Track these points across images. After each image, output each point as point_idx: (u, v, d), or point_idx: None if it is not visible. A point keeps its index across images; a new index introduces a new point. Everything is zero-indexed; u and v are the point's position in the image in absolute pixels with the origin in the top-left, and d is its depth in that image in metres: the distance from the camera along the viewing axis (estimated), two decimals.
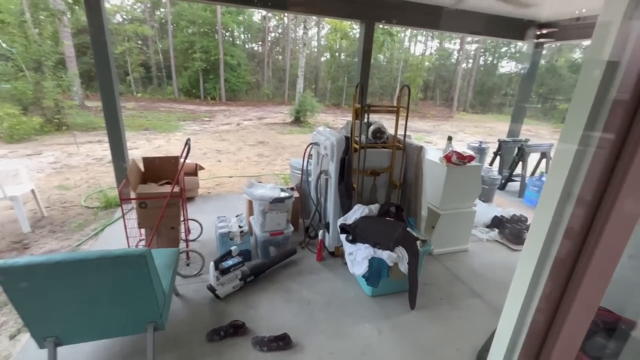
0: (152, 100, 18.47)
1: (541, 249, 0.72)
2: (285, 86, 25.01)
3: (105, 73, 3.54)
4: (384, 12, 4.24)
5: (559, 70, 22.52)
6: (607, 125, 0.61)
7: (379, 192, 3.01)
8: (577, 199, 0.66)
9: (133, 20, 20.79)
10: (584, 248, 0.67)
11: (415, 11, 4.32)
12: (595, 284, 0.69)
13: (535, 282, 0.76)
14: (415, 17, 4.39)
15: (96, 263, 1.53)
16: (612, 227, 0.63)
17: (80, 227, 3.65)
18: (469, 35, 13.18)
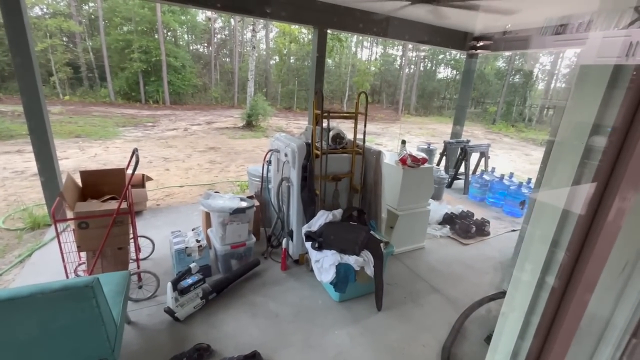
0: (83, 104, 16.68)
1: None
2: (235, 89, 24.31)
3: (27, 72, 3.09)
4: (335, 18, 4.32)
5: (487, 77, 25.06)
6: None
7: (341, 197, 3.04)
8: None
9: (56, 14, 18.57)
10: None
11: (364, 19, 4.47)
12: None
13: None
14: (365, 24, 4.54)
15: (30, 300, 1.30)
16: None
17: (0, 254, 3.12)
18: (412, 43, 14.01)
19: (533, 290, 0.88)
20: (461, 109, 6.45)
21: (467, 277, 3.14)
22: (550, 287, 0.84)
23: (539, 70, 22.89)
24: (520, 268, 0.95)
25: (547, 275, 0.85)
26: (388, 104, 28.90)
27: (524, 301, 0.91)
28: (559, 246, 0.82)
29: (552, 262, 0.84)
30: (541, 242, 0.87)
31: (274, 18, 4.21)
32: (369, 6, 4.20)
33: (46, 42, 17.14)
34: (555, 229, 0.81)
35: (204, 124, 13.74)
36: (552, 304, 0.84)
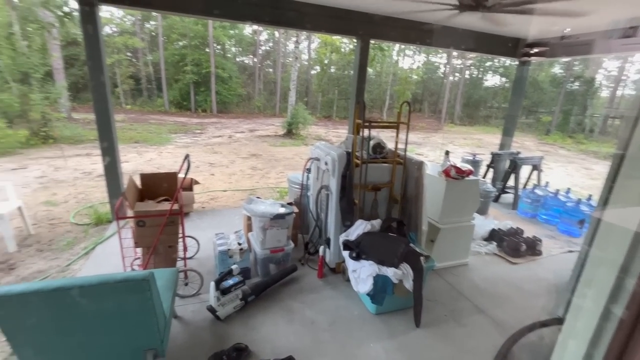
0: (142, 113, 18.27)
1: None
2: (277, 98, 25.16)
3: (100, 85, 3.48)
4: (378, 29, 4.33)
5: (541, 85, 23.37)
6: None
7: (380, 207, 3.00)
8: None
9: (123, 32, 20.71)
10: None
11: (409, 29, 4.43)
12: None
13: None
14: (409, 34, 4.49)
15: (96, 289, 1.45)
16: None
17: (69, 246, 3.50)
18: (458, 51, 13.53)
19: (597, 321, 0.81)
20: (511, 118, 6.08)
21: (515, 298, 2.92)
22: (617, 318, 0.76)
23: (603, 77, 20.89)
24: (581, 294, 0.88)
25: (614, 305, 0.78)
26: (430, 113, 28.08)
27: (586, 332, 0.83)
28: (629, 273, 0.74)
29: (620, 290, 0.76)
30: (607, 266, 0.79)
31: (318, 30, 4.34)
32: (415, 16, 4.16)
33: (114, 57, 19.13)
34: (625, 253, 0.74)
35: (247, 132, 14.36)
36: (620, 337, 0.76)
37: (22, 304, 1.39)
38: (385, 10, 4.05)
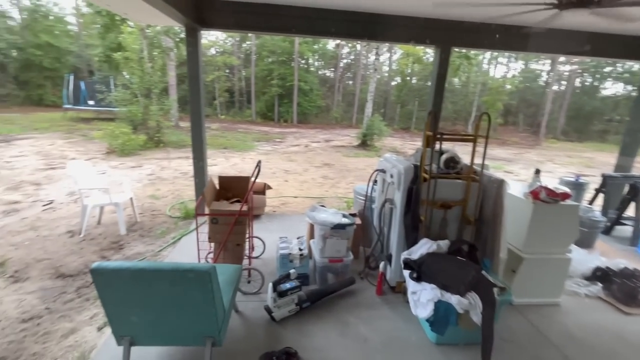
0: (233, 122, 20.46)
1: None
2: (354, 110, 25.45)
3: (196, 99, 4.01)
4: (461, 36, 4.04)
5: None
6: None
7: (450, 227, 2.75)
8: None
9: (224, 52, 23.69)
10: None
11: (500, 34, 4.02)
12: None
13: None
14: (500, 40, 4.08)
15: (169, 274, 1.65)
16: None
17: (162, 235, 4.08)
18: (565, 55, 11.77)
19: None
20: (633, 133, 4.97)
21: (626, 357, 2.33)
22: None
23: None
24: None
25: None
26: (525, 127, 24.91)
27: None
28: None
29: None
30: None
31: (396, 41, 4.26)
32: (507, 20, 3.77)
33: (214, 74, 21.97)
34: None
35: (322, 142, 14.83)
36: None
37: (117, 277, 1.66)
38: (471, 16, 3.77)
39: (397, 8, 3.70)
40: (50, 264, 3.33)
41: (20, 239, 3.84)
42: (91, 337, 2.36)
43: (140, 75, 10.36)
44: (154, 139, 10.48)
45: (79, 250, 3.63)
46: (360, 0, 3.51)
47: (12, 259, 3.39)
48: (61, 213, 4.72)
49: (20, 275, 3.12)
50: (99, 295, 1.71)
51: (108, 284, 1.68)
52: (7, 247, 3.65)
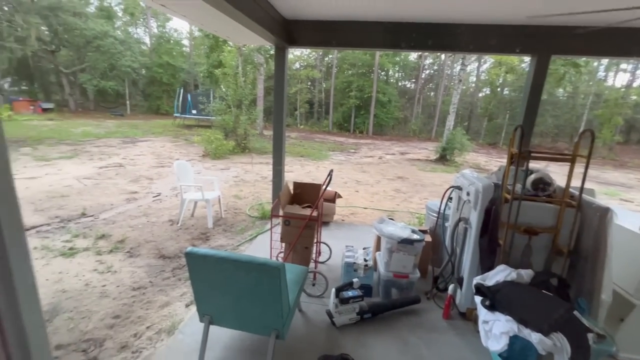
0: (311, 132, 21.45)
1: None
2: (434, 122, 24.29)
3: (279, 110, 4.39)
4: (564, 42, 3.59)
5: None
6: None
7: (535, 256, 2.44)
8: None
9: (307, 66, 25.14)
10: None
11: (612, 38, 3.46)
12: None
13: None
14: (613, 45, 3.51)
15: (245, 265, 1.86)
16: None
17: (242, 231, 4.52)
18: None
19: None
20: None
21: None
22: None
23: None
24: None
25: None
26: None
27: None
28: None
29: None
30: None
31: (487, 51, 4.00)
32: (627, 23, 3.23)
33: (297, 87, 23.42)
34: None
35: (397, 154, 14.50)
36: None
37: (204, 261, 1.94)
38: (576, 21, 3.34)
39: (485, 17, 3.50)
40: (155, 246, 3.99)
41: (135, 223, 4.70)
42: (180, 312, 2.76)
43: (234, 88, 11.71)
44: (241, 145, 11.67)
45: (175, 237, 4.27)
46: (444, 12, 3.42)
47: (129, 238, 4.17)
48: (166, 204, 5.61)
49: (134, 252, 3.82)
50: (189, 276, 2.01)
51: (197, 267, 1.97)
52: (127, 227, 4.50)
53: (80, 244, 3.89)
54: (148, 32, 28.68)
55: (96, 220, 4.71)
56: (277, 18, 3.74)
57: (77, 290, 2.99)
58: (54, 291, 2.96)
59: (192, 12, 3.18)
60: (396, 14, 3.60)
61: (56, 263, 3.44)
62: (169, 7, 2.96)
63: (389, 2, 3.22)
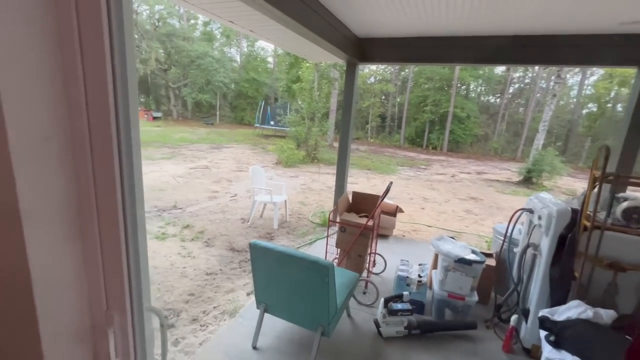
0: (381, 146, 21.28)
1: None
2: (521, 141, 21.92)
3: (347, 124, 4.57)
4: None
5: None
6: None
7: (623, 296, 2.11)
8: None
9: (382, 80, 25.19)
10: None
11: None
12: None
13: None
14: None
15: (298, 260, 2.04)
16: None
17: (303, 235, 4.79)
18: None
19: None
20: None
21: None
22: None
23: None
24: None
25: None
26: None
27: None
28: None
29: None
30: None
31: (591, 64, 3.58)
32: None
33: (370, 100, 23.58)
34: None
35: (473, 173, 13.47)
36: None
37: (265, 253, 2.18)
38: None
39: (579, 27, 3.18)
40: (227, 239, 4.49)
41: (214, 217, 5.35)
42: (242, 298, 3.09)
43: (309, 102, 12.42)
44: (311, 155, 12.24)
45: (245, 234, 4.73)
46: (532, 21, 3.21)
47: (207, 230, 4.77)
48: (240, 204, 6.25)
49: (210, 242, 4.37)
50: (251, 265, 2.28)
51: (258, 258, 2.23)
52: (206, 221, 5.16)
53: (170, 231, 4.61)
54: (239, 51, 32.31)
55: (184, 212, 5.50)
56: (349, 37, 3.97)
57: (165, 268, 3.57)
58: (149, 266, 3.57)
59: (274, 35, 3.61)
60: (471, 29, 3.51)
61: (151, 244, 4.15)
62: (256, 32, 3.42)
63: (461, 18, 3.18)
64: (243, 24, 3.18)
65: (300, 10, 2.75)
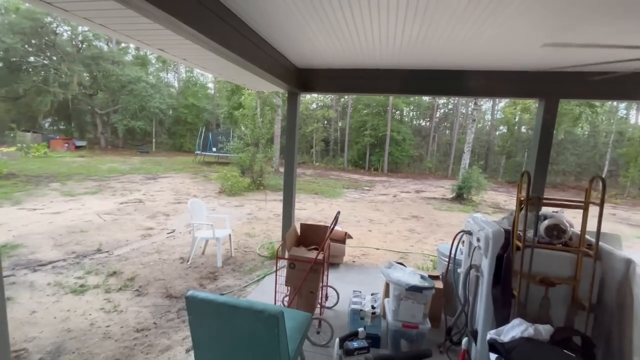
0: (326, 169, 21.72)
1: None
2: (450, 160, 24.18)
3: (291, 151, 4.52)
4: (570, 87, 3.62)
5: None
6: None
7: (555, 309, 2.28)
8: None
9: (323, 106, 26.16)
10: None
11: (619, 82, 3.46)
12: None
13: None
14: (621, 88, 3.50)
15: (244, 312, 1.82)
16: None
17: (250, 271, 4.48)
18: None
19: None
20: None
21: None
22: None
23: None
24: None
25: None
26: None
27: None
28: None
29: None
30: None
31: (496, 95, 4.08)
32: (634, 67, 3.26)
33: (313, 126, 24.19)
34: None
35: (412, 192, 14.34)
36: None
37: (203, 306, 1.92)
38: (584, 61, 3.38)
39: (491, 65, 3.61)
40: (164, 284, 3.99)
41: (147, 260, 4.76)
42: (180, 357, 2.68)
43: (252, 128, 12.24)
44: (256, 182, 11.91)
45: (184, 276, 4.26)
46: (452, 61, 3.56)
47: (139, 275, 4.20)
48: (179, 241, 5.69)
49: (142, 290, 3.83)
50: (189, 320, 1.99)
51: (196, 311, 1.95)
52: (138, 265, 4.55)
53: (91, 281, 3.95)
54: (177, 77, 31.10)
55: (110, 256, 4.81)
56: (290, 67, 3.99)
57: (82, 330, 2.99)
58: (60, 330, 2.96)
59: (211, 65, 3.46)
60: (405, 63, 3.77)
61: (66, 300, 3.49)
62: (190, 61, 3.24)
63: (393, 54, 3.40)
64: (176, 53, 2.99)
65: (238, 42, 2.67)
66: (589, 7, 2.14)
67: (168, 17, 1.84)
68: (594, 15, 2.26)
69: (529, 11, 2.24)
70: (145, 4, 1.64)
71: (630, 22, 2.36)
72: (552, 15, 2.30)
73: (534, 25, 2.48)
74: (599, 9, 2.16)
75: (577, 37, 2.67)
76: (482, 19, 2.44)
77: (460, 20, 2.49)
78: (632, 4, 2.09)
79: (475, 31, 2.66)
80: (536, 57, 3.19)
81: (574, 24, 2.43)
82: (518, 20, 2.40)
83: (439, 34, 2.78)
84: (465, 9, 2.30)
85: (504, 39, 2.79)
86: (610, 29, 2.51)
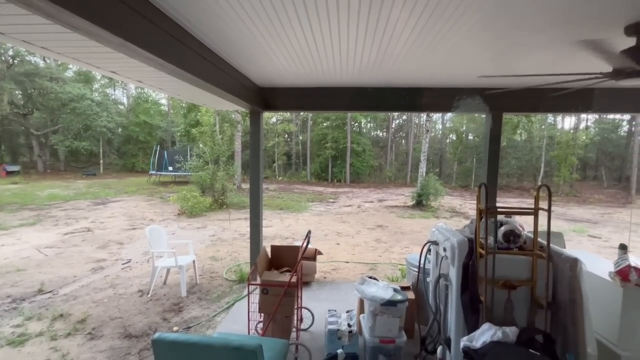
0: (290, 183, 21.62)
1: None
2: (408, 168, 25.31)
3: (256, 165, 4.43)
4: (513, 102, 4.00)
5: None
6: None
7: (518, 311, 2.43)
8: None
9: (284, 120, 26.20)
10: None
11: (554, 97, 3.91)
12: None
13: None
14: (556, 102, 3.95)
15: (219, 351, 1.71)
16: None
17: (218, 299, 4.25)
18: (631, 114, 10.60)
19: None
20: None
21: None
22: None
23: None
24: None
25: None
26: (614, 182, 22.02)
27: None
28: None
29: None
30: None
31: (447, 110, 4.35)
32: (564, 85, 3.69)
33: (275, 140, 24.09)
34: None
35: (375, 202, 14.72)
36: None
37: (173, 349, 1.77)
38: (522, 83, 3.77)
39: (442, 82, 3.88)
40: (121, 323, 3.64)
41: (100, 296, 4.32)
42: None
43: (212, 145, 11.87)
44: (219, 201, 11.48)
45: (145, 310, 3.93)
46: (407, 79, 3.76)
47: (92, 316, 3.79)
48: (136, 272, 5.25)
49: (96, 332, 3.45)
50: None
51: (166, 356, 1.79)
52: (90, 303, 4.11)
53: (33, 328, 3.48)
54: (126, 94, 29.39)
55: (55, 296, 4.29)
56: (251, 87, 3.96)
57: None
58: None
59: (168, 86, 3.32)
60: (361, 81, 3.92)
61: (1, 355, 3.03)
62: (146, 83, 3.08)
63: (353, 74, 3.53)
64: (129, 75, 2.82)
65: (196, 63, 2.59)
66: (528, 31, 2.40)
67: (122, 42, 1.74)
68: (531, 40, 2.53)
69: (476, 36, 2.45)
70: (97, 29, 1.53)
71: (564, 48, 2.68)
72: (496, 39, 2.54)
73: (480, 48, 2.72)
74: (537, 35, 2.43)
75: (519, 58, 2.97)
76: (434, 44, 2.62)
77: (414, 45, 2.65)
78: (563, 33, 2.38)
79: (428, 54, 2.85)
80: (482, 77, 3.49)
81: (516, 47, 2.70)
82: (466, 44, 2.61)
83: (394, 58, 2.94)
84: (418, 36, 2.46)
85: (454, 61, 3.03)
86: (546, 56, 2.83)
